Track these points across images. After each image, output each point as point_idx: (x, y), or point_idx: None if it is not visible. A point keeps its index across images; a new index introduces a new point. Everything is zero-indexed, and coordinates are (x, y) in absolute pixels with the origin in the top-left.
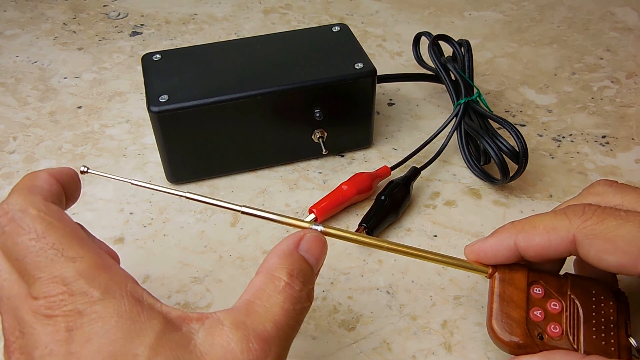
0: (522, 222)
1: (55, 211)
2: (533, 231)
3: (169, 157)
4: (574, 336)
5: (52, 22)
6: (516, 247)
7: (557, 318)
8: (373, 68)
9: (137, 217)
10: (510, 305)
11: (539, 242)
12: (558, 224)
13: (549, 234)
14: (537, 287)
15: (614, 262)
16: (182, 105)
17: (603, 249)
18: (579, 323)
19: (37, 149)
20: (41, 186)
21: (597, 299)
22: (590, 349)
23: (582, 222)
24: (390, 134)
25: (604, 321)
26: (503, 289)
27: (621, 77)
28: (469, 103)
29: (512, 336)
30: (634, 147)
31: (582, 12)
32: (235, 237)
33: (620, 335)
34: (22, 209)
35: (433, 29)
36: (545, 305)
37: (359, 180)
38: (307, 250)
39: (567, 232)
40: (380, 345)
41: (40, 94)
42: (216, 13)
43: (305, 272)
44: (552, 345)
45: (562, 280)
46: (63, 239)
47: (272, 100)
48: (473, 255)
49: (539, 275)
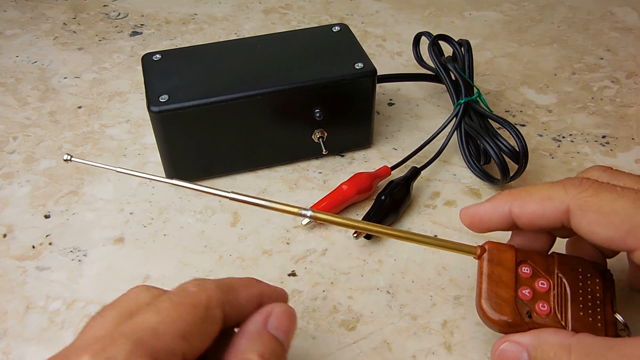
0: (518, 190)
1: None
2: (528, 198)
3: (169, 157)
4: (561, 313)
5: (52, 22)
6: (510, 214)
7: (545, 296)
8: (373, 68)
9: (137, 217)
10: (499, 285)
11: (533, 209)
12: (554, 194)
13: (543, 203)
14: (525, 267)
15: (604, 235)
16: (182, 105)
17: (595, 222)
18: (567, 301)
19: (37, 149)
20: (236, 297)
21: (584, 277)
22: (578, 325)
23: (578, 193)
24: (390, 134)
25: (590, 298)
26: (492, 269)
27: (621, 77)
28: (469, 103)
29: (501, 315)
30: (634, 147)
31: (582, 12)
32: (235, 237)
33: (607, 312)
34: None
35: (433, 29)
36: (533, 284)
37: (359, 180)
38: (276, 327)
39: (561, 202)
40: (381, 345)
41: (40, 94)
42: (216, 13)
43: (276, 352)
44: (541, 323)
45: (549, 259)
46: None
47: (272, 100)
48: (467, 217)
49: (527, 255)
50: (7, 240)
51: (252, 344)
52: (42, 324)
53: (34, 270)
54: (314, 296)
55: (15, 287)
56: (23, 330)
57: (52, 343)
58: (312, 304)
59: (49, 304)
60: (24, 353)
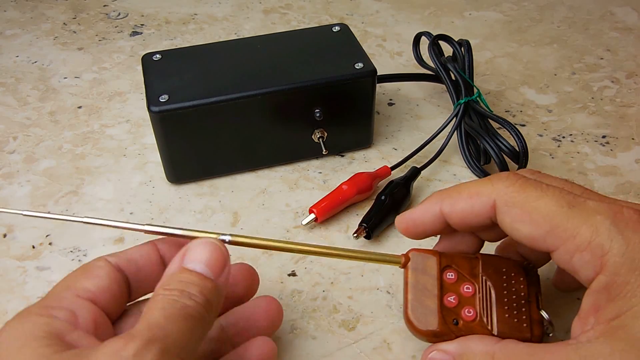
0: (448, 189)
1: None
2: (457, 197)
3: (169, 157)
4: (487, 317)
5: (52, 22)
6: (442, 214)
7: (470, 301)
8: (373, 68)
9: (137, 217)
10: (424, 295)
11: (462, 207)
12: (481, 189)
13: (472, 199)
14: (450, 272)
15: (525, 232)
16: (182, 105)
17: (518, 218)
18: (492, 303)
19: (37, 148)
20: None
21: (508, 277)
22: (503, 328)
23: (504, 187)
24: (390, 134)
25: (515, 298)
26: (416, 279)
27: (621, 77)
28: (469, 103)
29: (427, 326)
30: (634, 147)
31: (582, 12)
32: None
33: (532, 310)
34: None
35: (433, 29)
36: (459, 289)
37: (359, 180)
38: (192, 260)
39: (488, 197)
40: (381, 345)
41: (40, 94)
42: (216, 13)
43: (197, 284)
44: (468, 328)
45: (473, 262)
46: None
47: (272, 100)
48: (402, 224)
49: (451, 260)
50: (7, 240)
51: (167, 282)
52: None
53: (34, 270)
54: (314, 296)
55: (15, 287)
56: None
57: None
58: (312, 304)
59: None
60: None
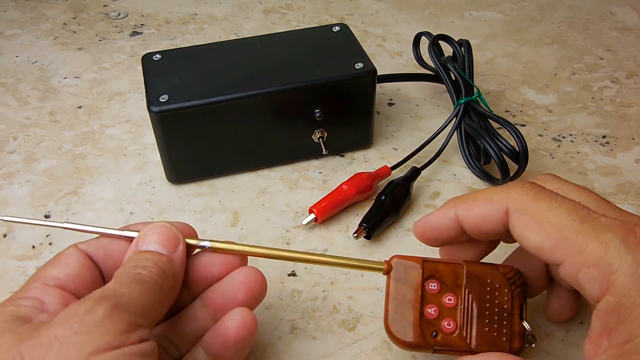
0: (465, 195)
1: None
2: (472, 202)
3: (169, 157)
4: (467, 330)
5: (52, 22)
6: (457, 219)
7: (451, 313)
8: (373, 68)
9: (137, 217)
10: (404, 306)
11: (476, 213)
12: (496, 196)
13: (486, 205)
14: (433, 283)
15: (534, 242)
16: (182, 105)
17: (529, 226)
18: (472, 317)
19: (37, 149)
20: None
21: (492, 289)
22: (481, 342)
23: (518, 195)
24: (390, 134)
25: (497, 311)
26: (397, 289)
27: (621, 77)
28: (469, 103)
29: (405, 337)
30: (634, 147)
31: (582, 12)
32: (235, 237)
33: (514, 323)
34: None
35: (433, 29)
36: (440, 300)
37: (359, 180)
38: (147, 243)
39: (502, 203)
40: (381, 345)
41: (40, 94)
42: (216, 13)
43: (152, 259)
44: (446, 341)
45: (458, 272)
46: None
47: (272, 100)
48: (419, 229)
49: (435, 269)
50: (7, 240)
51: (123, 264)
52: None
53: (34, 270)
54: (314, 296)
55: (15, 287)
56: None
57: None
58: (312, 304)
59: None
60: None
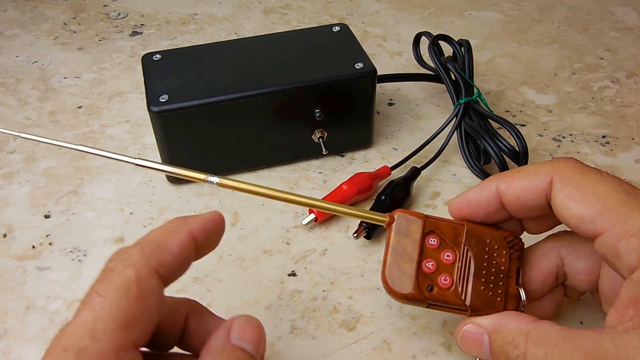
0: (507, 171)
1: (142, 291)
2: (516, 175)
3: (169, 157)
4: (462, 287)
5: (52, 22)
6: (497, 192)
7: (449, 269)
8: (373, 68)
9: (137, 217)
10: (402, 258)
11: (519, 184)
12: (540, 168)
13: (529, 177)
14: (433, 238)
15: (575, 211)
16: (182, 105)
17: (572, 196)
18: (469, 274)
19: (37, 149)
20: (167, 253)
21: (491, 249)
22: (476, 300)
23: (564, 168)
24: (390, 134)
25: (494, 271)
26: (397, 241)
27: (621, 77)
28: (469, 103)
29: (401, 288)
30: (634, 147)
31: (582, 12)
32: (235, 237)
33: (510, 285)
34: (123, 268)
35: (433, 29)
36: (439, 256)
37: (359, 180)
38: (239, 338)
39: (546, 174)
40: (381, 345)
41: (40, 94)
42: (216, 13)
43: (242, 357)
44: (441, 296)
45: (458, 229)
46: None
47: (272, 100)
48: (456, 205)
49: (436, 225)
50: (7, 240)
51: (219, 357)
52: (42, 324)
53: (34, 270)
54: (314, 296)
55: (15, 287)
56: (23, 330)
57: None
58: (312, 304)
59: (49, 304)
60: (24, 353)
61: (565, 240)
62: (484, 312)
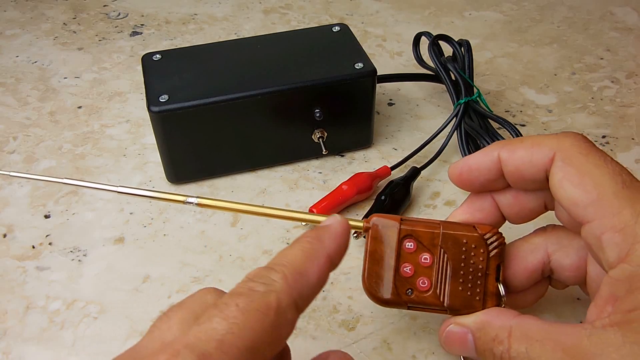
0: (511, 139)
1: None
2: (519, 144)
3: (169, 157)
4: (440, 289)
5: (52, 22)
6: (499, 160)
7: (427, 272)
8: (373, 68)
9: (137, 217)
10: (380, 264)
11: (522, 154)
12: (545, 141)
13: (533, 149)
14: (409, 242)
15: (570, 194)
16: (182, 105)
17: (570, 177)
18: (447, 276)
19: (37, 149)
20: (306, 284)
21: (468, 249)
22: (454, 301)
23: (569, 144)
24: (390, 134)
25: (472, 271)
26: (374, 247)
27: (621, 77)
28: (469, 103)
29: (380, 294)
30: (634, 147)
31: (582, 12)
32: (235, 237)
33: (489, 282)
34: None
35: (433, 29)
36: (417, 259)
37: (359, 180)
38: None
39: (550, 149)
40: (381, 345)
41: (40, 94)
42: (216, 13)
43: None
44: (420, 299)
45: (435, 232)
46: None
47: (272, 100)
48: (457, 169)
49: (412, 229)
50: (7, 240)
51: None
52: (42, 324)
53: (34, 270)
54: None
55: (15, 287)
56: (23, 330)
57: (52, 343)
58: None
59: (49, 304)
60: (24, 353)
61: (553, 237)
62: (463, 312)
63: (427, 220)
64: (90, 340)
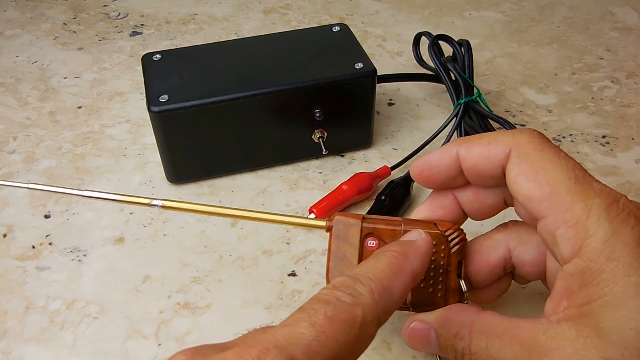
0: (470, 136)
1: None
2: (476, 141)
3: (169, 157)
4: None
5: (52, 22)
6: (457, 157)
7: None
8: (373, 68)
9: (137, 217)
10: (343, 263)
11: (479, 152)
12: (501, 138)
13: (490, 146)
14: (372, 240)
15: (525, 189)
16: (182, 105)
17: (524, 174)
18: None
19: (37, 149)
20: (391, 300)
21: None
22: (416, 298)
23: (525, 141)
24: (390, 134)
25: (433, 268)
26: (337, 246)
27: (621, 77)
28: (469, 103)
29: None
30: (634, 147)
31: (582, 12)
32: (235, 237)
33: (450, 279)
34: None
35: (433, 29)
36: None
37: (359, 180)
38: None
39: (506, 146)
40: (380, 345)
41: (40, 94)
42: (216, 13)
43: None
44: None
45: (396, 230)
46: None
47: (272, 100)
48: (418, 167)
49: (374, 227)
50: (7, 240)
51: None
52: (42, 324)
53: (34, 270)
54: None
55: (15, 287)
56: (23, 330)
57: (52, 343)
58: None
59: (49, 304)
60: (24, 353)
61: (514, 233)
62: (426, 308)
63: (389, 218)
64: (90, 340)
